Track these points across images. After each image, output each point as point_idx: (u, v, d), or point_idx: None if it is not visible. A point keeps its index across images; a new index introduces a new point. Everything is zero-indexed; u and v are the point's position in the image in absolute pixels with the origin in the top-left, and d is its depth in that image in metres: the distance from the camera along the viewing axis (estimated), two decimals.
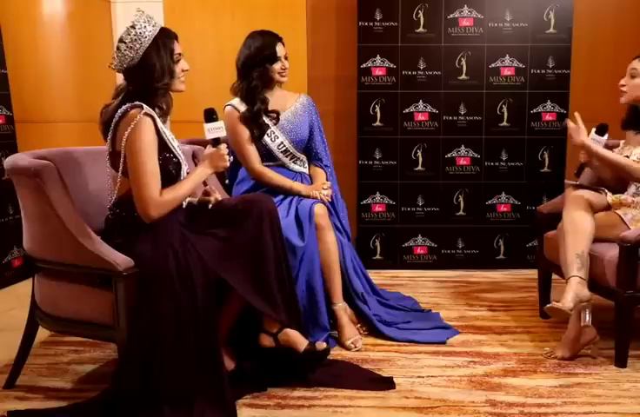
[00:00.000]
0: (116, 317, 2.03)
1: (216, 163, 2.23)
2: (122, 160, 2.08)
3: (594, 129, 2.62)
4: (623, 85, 2.67)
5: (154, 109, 2.12)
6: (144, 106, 2.08)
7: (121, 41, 2.10)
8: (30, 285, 2.31)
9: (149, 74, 2.11)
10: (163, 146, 2.14)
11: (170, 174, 2.16)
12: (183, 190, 2.16)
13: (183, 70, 2.20)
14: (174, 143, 2.20)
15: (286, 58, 2.84)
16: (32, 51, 3.82)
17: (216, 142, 2.24)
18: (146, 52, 2.10)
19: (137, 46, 2.09)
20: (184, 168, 2.23)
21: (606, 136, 2.61)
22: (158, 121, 2.12)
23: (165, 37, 2.14)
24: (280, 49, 2.81)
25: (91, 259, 2.04)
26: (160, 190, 2.09)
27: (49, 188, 2.06)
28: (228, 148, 2.27)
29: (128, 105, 2.08)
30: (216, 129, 2.23)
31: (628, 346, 2.44)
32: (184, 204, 2.27)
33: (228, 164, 2.26)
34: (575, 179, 2.82)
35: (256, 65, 2.80)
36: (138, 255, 2.06)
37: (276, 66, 2.81)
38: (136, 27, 2.09)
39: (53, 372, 2.44)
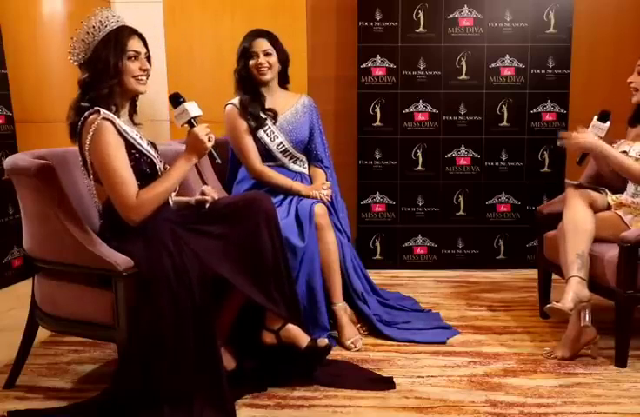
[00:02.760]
0: (116, 317, 2.03)
1: (195, 147, 2.10)
2: (90, 168, 2.08)
3: (596, 117, 2.58)
4: (631, 82, 2.63)
5: (110, 108, 2.09)
6: (101, 110, 2.05)
7: (77, 35, 2.10)
8: (30, 285, 2.31)
9: (97, 69, 2.08)
10: (130, 147, 2.10)
11: (145, 173, 2.12)
12: (163, 187, 2.09)
13: (141, 69, 2.13)
14: (142, 142, 2.15)
15: (267, 54, 2.81)
16: (32, 51, 3.82)
17: (190, 125, 2.11)
18: (97, 47, 2.09)
19: (90, 40, 2.09)
20: (160, 166, 2.19)
21: (608, 123, 2.56)
22: (118, 122, 2.08)
23: (120, 33, 2.11)
24: (257, 45, 2.80)
25: (91, 259, 2.04)
26: (137, 191, 2.05)
27: (49, 188, 2.06)
28: (209, 128, 2.13)
29: (88, 112, 2.06)
30: (181, 113, 2.11)
31: (628, 346, 2.44)
32: (171, 201, 2.25)
33: (209, 144, 2.09)
34: (574, 178, 2.82)
35: (238, 62, 2.84)
36: (133, 258, 2.06)
37: (252, 62, 2.81)
38: (91, 21, 2.10)
39: (53, 372, 2.44)
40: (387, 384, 2.29)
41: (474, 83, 3.80)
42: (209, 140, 2.10)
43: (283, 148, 2.89)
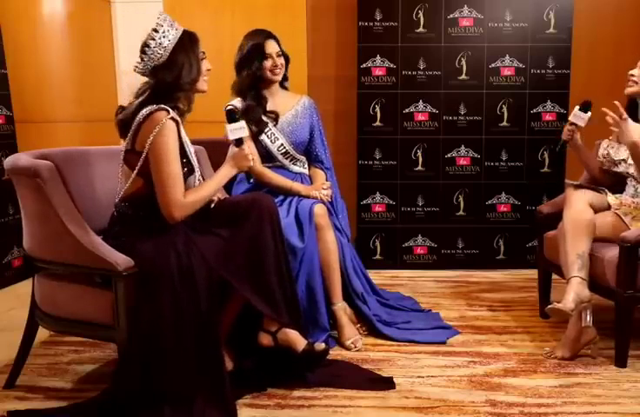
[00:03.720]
0: (116, 317, 2.03)
1: (240, 163, 2.26)
2: (141, 160, 2.10)
3: (577, 106, 2.60)
4: (633, 75, 2.63)
5: (174, 110, 2.14)
6: (170, 110, 2.09)
7: (150, 39, 2.13)
8: (30, 285, 2.31)
9: (177, 70, 2.14)
10: (182, 153, 2.15)
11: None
12: (207, 191, 2.18)
13: (207, 69, 2.23)
14: (191, 149, 2.22)
15: (279, 56, 2.82)
16: (32, 51, 3.82)
17: (238, 142, 2.25)
18: (174, 49, 2.14)
19: (166, 43, 2.13)
20: (196, 175, 2.24)
21: (589, 113, 2.58)
22: (181, 126, 2.15)
23: (190, 36, 2.18)
24: (270, 47, 2.80)
25: (91, 259, 2.04)
26: (184, 192, 2.11)
27: (49, 188, 2.06)
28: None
29: (154, 107, 2.09)
30: (238, 130, 2.25)
31: (628, 346, 2.44)
32: None
33: (252, 164, 2.29)
34: (574, 178, 2.82)
35: (249, 63, 2.80)
36: (140, 254, 2.06)
37: (267, 63, 2.80)
38: (164, 26, 2.13)
39: (53, 372, 2.44)
40: (387, 384, 2.29)
41: (474, 83, 3.80)
42: (252, 159, 2.29)
43: (284, 150, 2.89)
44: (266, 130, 2.86)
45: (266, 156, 2.89)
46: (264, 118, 2.85)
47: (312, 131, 2.96)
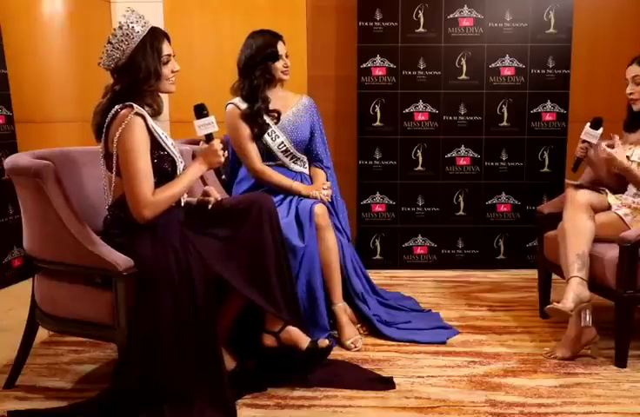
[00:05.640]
0: (116, 317, 2.03)
1: (209, 159, 2.21)
2: (115, 161, 2.08)
3: (588, 124, 2.60)
4: (632, 93, 2.64)
5: (144, 108, 2.11)
6: (135, 105, 2.07)
7: (108, 41, 2.09)
8: (30, 285, 2.31)
9: (135, 76, 2.10)
10: (156, 144, 2.13)
11: (166, 172, 2.15)
12: (177, 189, 2.14)
13: (172, 71, 2.18)
14: (167, 141, 2.18)
15: (287, 56, 2.86)
16: (32, 51, 3.82)
17: (208, 137, 2.21)
18: (132, 53, 2.09)
19: (124, 47, 2.08)
20: (180, 166, 2.22)
21: (601, 130, 2.58)
22: (149, 119, 2.11)
23: (154, 38, 2.12)
24: (281, 48, 2.83)
25: (91, 259, 2.04)
26: (153, 190, 2.08)
27: (49, 188, 2.06)
28: (222, 143, 2.24)
29: (119, 106, 2.08)
30: (206, 125, 2.20)
31: (628, 346, 2.44)
32: (182, 202, 2.26)
33: (222, 160, 2.23)
34: (574, 178, 2.82)
35: (259, 64, 2.80)
36: (138, 255, 2.06)
37: (279, 64, 2.82)
38: (123, 27, 2.08)
39: (53, 372, 2.44)
40: (387, 384, 2.29)
41: (474, 83, 3.80)
42: (223, 155, 2.22)
43: (284, 148, 2.89)
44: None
45: (267, 155, 2.89)
46: (267, 119, 2.85)
47: (313, 130, 2.97)
